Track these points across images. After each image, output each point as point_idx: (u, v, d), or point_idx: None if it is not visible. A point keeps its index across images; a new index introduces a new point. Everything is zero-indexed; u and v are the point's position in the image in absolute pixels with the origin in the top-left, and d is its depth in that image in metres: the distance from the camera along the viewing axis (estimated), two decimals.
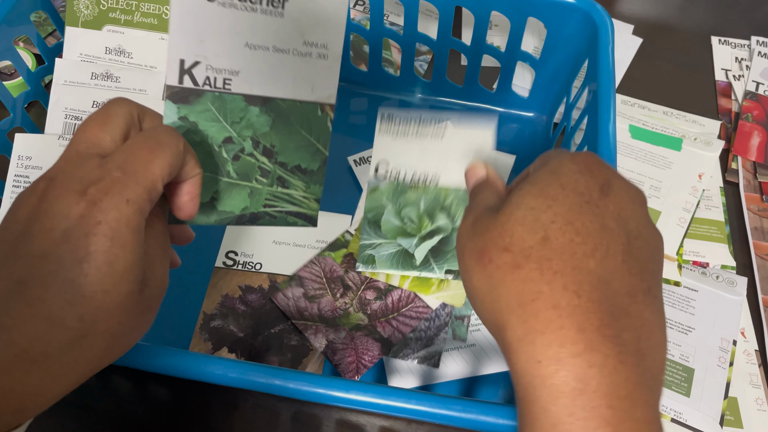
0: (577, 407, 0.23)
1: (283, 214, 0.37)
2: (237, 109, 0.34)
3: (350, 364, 0.45)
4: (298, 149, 0.36)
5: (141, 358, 0.35)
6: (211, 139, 0.34)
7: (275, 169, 0.36)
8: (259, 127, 0.35)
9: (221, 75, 0.33)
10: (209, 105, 0.33)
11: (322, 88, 0.35)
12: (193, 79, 0.32)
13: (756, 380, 0.49)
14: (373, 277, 0.49)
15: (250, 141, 0.35)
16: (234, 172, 0.35)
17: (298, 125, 0.35)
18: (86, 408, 0.44)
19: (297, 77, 0.34)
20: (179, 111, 0.33)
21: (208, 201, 0.35)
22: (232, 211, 0.36)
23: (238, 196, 0.36)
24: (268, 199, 0.36)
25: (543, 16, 0.54)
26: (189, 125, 0.33)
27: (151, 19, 0.52)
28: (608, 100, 0.45)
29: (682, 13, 0.76)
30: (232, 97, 0.33)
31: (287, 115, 0.35)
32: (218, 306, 0.48)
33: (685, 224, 0.55)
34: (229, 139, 0.34)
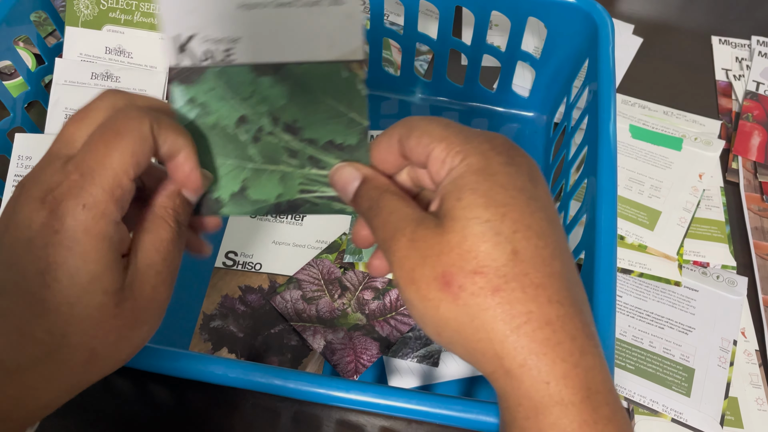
0: (587, 413, 0.24)
1: (326, 201, 0.32)
2: (245, 82, 0.30)
3: (349, 364, 0.45)
4: (327, 122, 0.30)
5: (141, 358, 0.35)
6: (225, 120, 0.30)
7: (304, 147, 0.31)
8: (274, 100, 0.30)
9: (220, 45, 0.29)
10: (214, 82, 0.29)
11: (342, 41, 0.29)
12: (192, 55, 0.29)
13: (756, 380, 0.49)
14: (366, 271, 0.49)
15: (268, 118, 0.30)
16: (258, 156, 0.31)
17: (321, 92, 0.30)
18: (86, 408, 0.44)
19: (309, 34, 0.29)
20: (186, 93, 0.30)
21: (239, 191, 0.31)
22: (266, 199, 0.32)
23: (269, 183, 0.31)
24: (303, 183, 0.31)
25: (543, 15, 0.54)
26: (198, 107, 0.30)
27: (151, 18, 0.52)
28: (608, 100, 0.45)
29: (683, 12, 0.76)
30: (238, 69, 0.29)
31: (305, 82, 0.30)
32: (218, 306, 0.48)
33: (686, 224, 0.55)
34: (243, 119, 0.30)
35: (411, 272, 0.25)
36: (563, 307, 0.24)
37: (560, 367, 0.24)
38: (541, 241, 0.25)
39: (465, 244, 0.24)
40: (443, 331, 0.25)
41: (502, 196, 0.25)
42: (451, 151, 0.26)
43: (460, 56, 0.68)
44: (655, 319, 0.51)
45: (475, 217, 0.25)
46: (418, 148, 0.28)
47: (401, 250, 0.26)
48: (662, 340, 0.49)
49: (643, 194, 0.57)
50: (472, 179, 0.26)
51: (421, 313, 0.26)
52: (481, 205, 0.25)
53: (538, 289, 0.24)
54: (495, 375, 0.25)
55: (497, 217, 0.25)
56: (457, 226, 0.25)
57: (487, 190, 0.25)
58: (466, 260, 0.24)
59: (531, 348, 0.24)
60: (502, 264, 0.24)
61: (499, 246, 0.24)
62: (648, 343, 0.49)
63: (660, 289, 0.52)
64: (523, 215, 0.25)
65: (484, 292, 0.24)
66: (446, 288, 0.24)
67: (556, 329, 0.24)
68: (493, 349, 0.24)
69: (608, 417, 0.24)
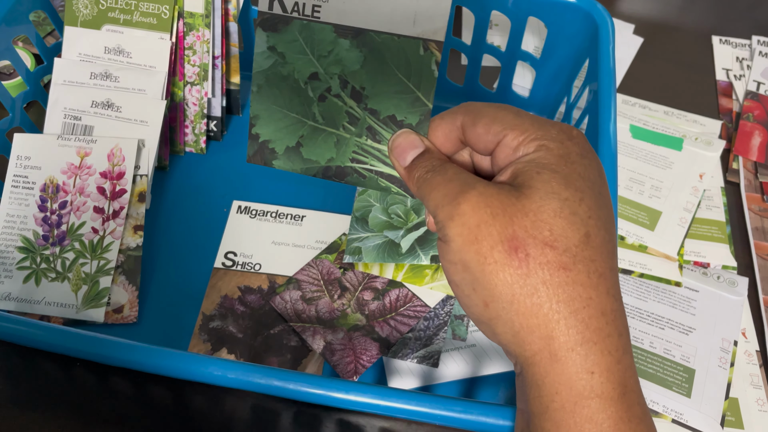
0: (623, 410, 0.24)
1: (373, 175, 0.32)
2: (326, 40, 0.30)
3: (348, 365, 0.45)
4: (392, 95, 0.31)
5: (140, 358, 0.35)
6: (298, 73, 0.31)
7: (365, 116, 0.31)
8: (348, 64, 0.30)
9: (310, 1, 0.29)
10: (297, 34, 0.30)
11: (427, 20, 0.29)
12: (282, 4, 0.30)
13: (757, 381, 0.48)
14: (365, 271, 0.49)
15: (338, 80, 0.31)
16: (320, 115, 0.32)
17: (395, 65, 0.30)
18: (86, 408, 0.44)
19: (396, 6, 0.29)
20: (268, 40, 0.30)
21: (294, 146, 0.32)
22: (317, 160, 0.32)
23: (324, 144, 0.32)
24: (356, 152, 0.32)
25: (543, 15, 0.53)
26: (277, 56, 0.31)
27: (151, 18, 0.52)
28: (609, 100, 0.45)
29: (683, 12, 0.76)
30: (321, 26, 0.30)
31: (382, 52, 0.30)
32: (217, 307, 0.48)
33: (686, 224, 0.55)
34: (315, 75, 0.31)
35: (476, 229, 0.24)
36: (617, 302, 0.25)
37: (606, 359, 0.24)
38: (608, 234, 0.25)
39: (541, 213, 0.24)
40: (493, 301, 0.24)
41: (580, 183, 0.25)
42: (526, 138, 0.26)
43: (460, 56, 0.68)
44: (655, 319, 0.51)
45: (554, 192, 0.24)
46: (487, 135, 0.27)
47: (470, 201, 0.25)
48: (662, 341, 0.49)
49: (644, 194, 0.57)
50: (552, 161, 0.25)
51: (475, 276, 0.25)
52: (562, 184, 0.25)
53: (600, 278, 0.24)
54: (536, 358, 0.24)
55: (576, 199, 0.25)
56: (535, 195, 0.24)
57: (568, 174, 0.25)
58: (539, 229, 0.24)
59: (584, 334, 0.24)
60: (573, 244, 0.24)
61: (574, 226, 0.24)
62: (648, 344, 0.49)
63: (660, 289, 0.52)
64: (596, 205, 0.25)
65: (551, 266, 0.24)
66: (513, 253, 0.24)
67: (609, 322, 0.24)
68: (546, 327, 0.24)
69: (639, 416, 0.24)
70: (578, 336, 0.24)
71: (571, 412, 0.24)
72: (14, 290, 0.47)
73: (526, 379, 0.25)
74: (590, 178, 0.26)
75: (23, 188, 0.49)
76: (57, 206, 0.49)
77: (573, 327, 0.24)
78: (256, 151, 0.33)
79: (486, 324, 0.26)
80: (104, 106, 0.52)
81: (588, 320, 0.24)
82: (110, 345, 0.35)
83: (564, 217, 0.24)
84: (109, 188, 0.49)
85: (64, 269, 0.48)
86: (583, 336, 0.24)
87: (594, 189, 0.25)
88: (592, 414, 0.24)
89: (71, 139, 0.50)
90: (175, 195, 0.55)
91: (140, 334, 0.47)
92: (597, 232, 0.24)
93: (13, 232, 0.49)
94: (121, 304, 0.48)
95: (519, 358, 0.25)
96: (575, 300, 0.24)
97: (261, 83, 0.32)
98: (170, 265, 0.51)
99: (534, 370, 0.25)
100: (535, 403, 0.25)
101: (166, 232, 0.53)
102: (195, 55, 0.54)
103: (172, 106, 0.55)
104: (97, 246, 0.48)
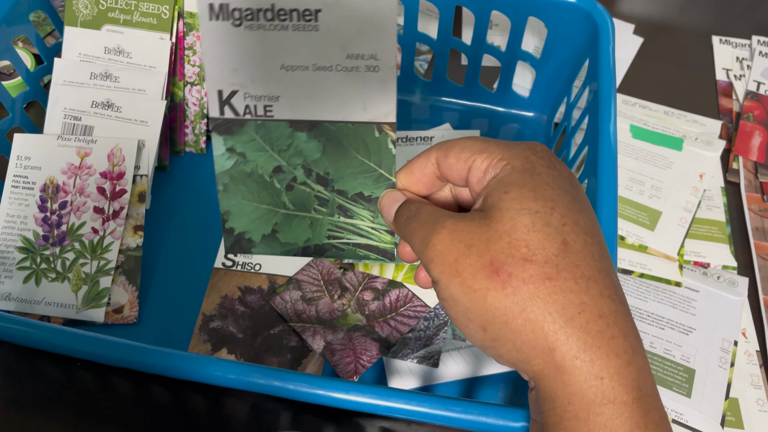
0: (638, 415, 0.23)
1: (351, 247, 0.34)
2: (283, 136, 0.32)
3: (348, 365, 0.45)
4: (356, 176, 0.32)
5: (140, 358, 0.35)
6: (261, 169, 0.32)
7: (334, 197, 0.33)
8: (309, 154, 0.32)
9: (261, 102, 0.31)
10: (253, 134, 0.32)
11: (376, 105, 0.31)
12: (233, 109, 0.31)
13: (757, 381, 0.48)
14: (366, 271, 0.49)
15: (302, 169, 0.32)
16: (290, 203, 0.33)
17: (353, 149, 0.32)
18: (86, 408, 0.44)
19: (345, 96, 0.31)
20: (226, 142, 0.32)
21: (270, 233, 0.34)
22: (295, 242, 0.34)
23: (298, 228, 0.34)
24: (331, 230, 0.34)
25: (543, 15, 0.53)
26: (237, 156, 0.32)
27: (151, 18, 0.52)
28: (609, 100, 0.45)
29: (683, 12, 0.76)
30: (276, 123, 0.31)
31: (339, 139, 0.32)
32: (217, 307, 0.48)
33: (686, 224, 0.55)
34: (279, 169, 0.32)
35: (455, 263, 0.25)
36: (614, 303, 0.24)
37: (614, 362, 0.23)
38: (589, 237, 0.25)
39: (515, 232, 0.24)
40: (490, 325, 0.25)
41: (549, 192, 0.25)
42: (493, 160, 0.27)
43: (460, 56, 0.68)
44: (655, 319, 0.50)
45: (524, 208, 0.25)
46: (458, 163, 0.28)
47: (442, 241, 0.26)
48: (663, 341, 0.49)
49: (644, 194, 0.57)
50: (518, 177, 0.26)
51: (466, 306, 0.25)
52: (530, 198, 0.25)
53: (589, 282, 0.24)
54: (543, 372, 0.24)
55: (546, 210, 0.25)
56: (506, 216, 0.25)
57: (535, 186, 0.25)
58: (516, 248, 0.24)
59: (585, 340, 0.23)
60: (552, 254, 0.24)
61: (550, 236, 0.24)
62: (648, 344, 0.49)
63: (660, 289, 0.52)
64: (570, 211, 0.25)
65: (535, 279, 0.24)
66: (495, 276, 0.24)
67: (609, 323, 0.24)
68: (545, 340, 0.24)
69: (657, 422, 0.24)
70: (579, 343, 0.23)
71: (585, 420, 0.23)
72: (14, 290, 0.47)
73: (540, 392, 0.25)
74: (560, 186, 0.26)
75: (23, 188, 0.49)
76: (57, 206, 0.49)
77: (572, 335, 0.23)
78: (233, 243, 0.34)
79: (490, 348, 0.26)
80: (104, 107, 0.52)
81: (586, 325, 0.23)
82: (110, 345, 0.35)
83: (538, 230, 0.24)
84: (109, 188, 0.49)
85: (64, 269, 0.48)
86: (584, 342, 0.23)
87: (565, 196, 0.25)
88: (605, 421, 0.23)
89: (71, 140, 0.50)
90: (176, 195, 0.55)
91: (140, 334, 0.47)
92: (575, 237, 0.24)
93: (13, 233, 0.49)
94: (121, 304, 0.48)
95: (529, 374, 0.25)
96: (568, 307, 0.23)
97: (226, 182, 0.33)
98: (170, 266, 0.51)
99: (545, 383, 0.24)
100: (550, 415, 0.25)
101: (167, 233, 0.53)
102: (195, 55, 0.54)
103: (172, 106, 0.55)
104: (97, 246, 0.48)
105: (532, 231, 0.24)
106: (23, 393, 0.45)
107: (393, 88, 0.30)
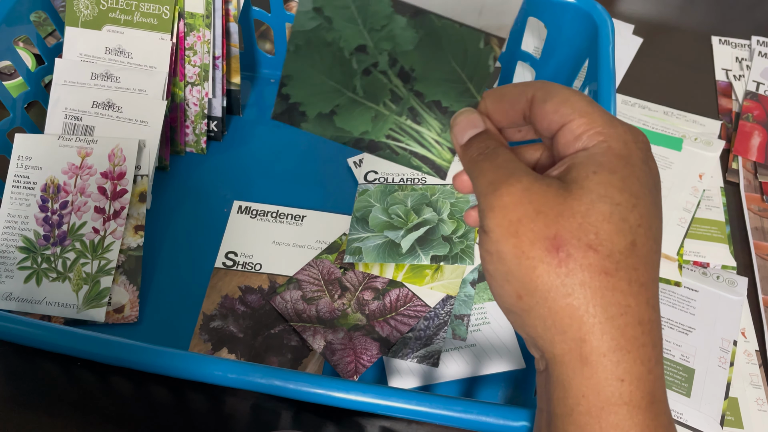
0: (650, 419, 0.24)
1: (407, 153, 0.31)
2: (381, 14, 0.28)
3: (349, 365, 0.45)
4: (442, 82, 0.29)
5: (141, 358, 0.35)
6: (343, 42, 0.29)
7: (409, 97, 0.30)
8: (401, 42, 0.29)
9: None
10: (349, 1, 0.28)
11: (493, 13, 0.27)
12: None
13: (756, 380, 0.48)
14: (366, 271, 0.49)
15: (387, 56, 0.29)
16: (361, 89, 0.30)
17: (450, 53, 0.29)
18: (86, 408, 0.44)
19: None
20: (315, 0, 0.28)
21: (328, 113, 0.31)
22: (350, 131, 0.31)
23: (360, 117, 0.31)
24: (393, 129, 0.31)
25: (543, 15, 0.53)
26: (323, 19, 0.28)
27: (151, 19, 0.52)
28: (609, 100, 0.45)
29: (683, 13, 0.76)
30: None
31: (439, 37, 0.28)
32: (218, 306, 0.48)
33: (686, 224, 0.55)
34: (362, 48, 0.29)
35: (517, 223, 0.24)
36: (655, 313, 0.24)
37: (638, 368, 0.24)
38: (655, 245, 0.25)
39: (590, 216, 0.24)
40: (528, 295, 0.24)
41: (637, 189, 0.25)
42: (591, 129, 0.26)
43: None
44: None
45: (607, 196, 0.24)
46: (555, 114, 0.27)
47: (512, 194, 0.25)
48: (662, 341, 0.49)
49: None
50: (611, 160, 0.25)
51: (510, 269, 0.24)
52: (617, 188, 0.24)
53: (641, 288, 0.24)
54: (564, 358, 0.24)
55: (628, 205, 0.24)
56: (586, 197, 0.24)
57: (626, 177, 0.24)
58: (584, 232, 0.23)
59: (619, 341, 0.23)
60: (618, 250, 0.24)
61: (622, 232, 0.24)
62: None
63: (660, 289, 0.52)
64: (648, 214, 0.25)
65: (592, 269, 0.23)
66: (554, 251, 0.23)
67: (645, 332, 0.24)
68: (579, 330, 0.23)
69: (665, 426, 0.24)
70: (612, 342, 0.23)
71: (597, 417, 0.24)
72: (15, 290, 0.47)
73: (552, 377, 0.25)
74: (647, 185, 0.25)
75: (24, 188, 0.49)
76: (58, 206, 0.49)
77: (607, 333, 0.23)
78: (284, 110, 0.31)
79: (517, 314, 0.25)
80: (105, 107, 0.52)
81: (624, 328, 0.23)
82: (111, 345, 0.36)
83: (613, 223, 0.24)
84: (110, 188, 0.49)
85: (65, 269, 0.48)
86: (617, 343, 0.23)
87: (649, 197, 0.25)
88: (618, 421, 0.23)
89: (72, 140, 0.50)
90: (176, 195, 0.55)
91: (141, 334, 0.48)
92: (645, 241, 0.24)
93: (14, 232, 0.49)
94: (122, 304, 0.48)
95: (546, 354, 0.25)
96: (613, 306, 0.23)
97: (300, 44, 0.29)
98: (171, 265, 0.51)
99: (561, 369, 0.24)
100: (560, 404, 0.25)
101: (167, 232, 0.53)
102: (195, 55, 0.54)
103: (173, 107, 0.55)
104: (97, 246, 0.48)
105: (608, 222, 0.24)
106: (24, 393, 0.45)
107: (518, 1, 0.27)
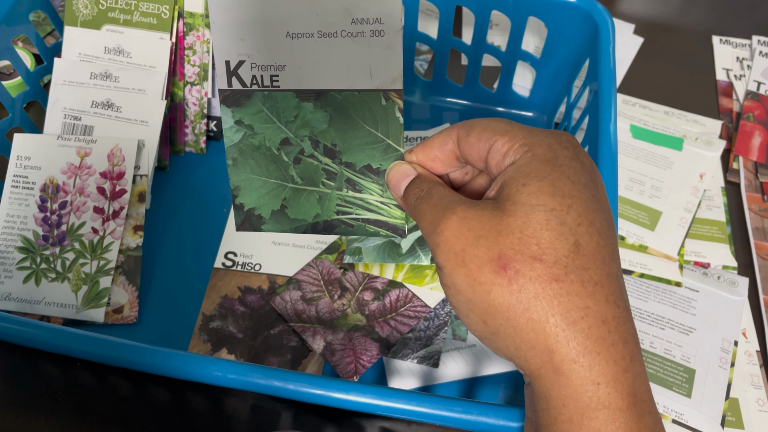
0: (632, 420, 0.23)
1: (360, 223, 0.33)
2: (289, 106, 0.31)
3: (348, 365, 0.45)
4: (364, 147, 0.32)
5: (140, 359, 0.35)
6: (268, 141, 0.32)
7: (342, 170, 0.32)
8: (316, 125, 0.31)
9: (267, 72, 0.30)
10: (261, 105, 0.31)
11: (382, 71, 0.30)
12: (241, 80, 0.31)
13: (757, 381, 0.48)
14: (366, 271, 0.49)
15: (309, 141, 0.32)
16: (298, 177, 0.33)
17: (361, 119, 0.31)
18: (86, 408, 0.44)
19: (350, 63, 0.30)
20: (234, 115, 0.32)
21: (279, 209, 0.33)
22: (304, 218, 0.33)
23: (307, 203, 0.33)
24: (340, 204, 0.33)
25: (544, 15, 0.53)
26: (245, 129, 0.32)
27: (150, 18, 0.52)
28: (609, 100, 0.45)
29: (683, 12, 0.76)
30: (283, 94, 0.31)
31: (346, 108, 0.31)
32: (217, 307, 0.48)
33: (687, 224, 0.55)
34: (286, 141, 0.32)
35: (462, 253, 0.24)
36: (618, 309, 0.24)
37: (612, 369, 0.23)
38: (602, 239, 0.25)
39: (527, 229, 0.24)
40: (491, 319, 0.24)
41: (569, 188, 0.25)
42: (514, 144, 0.26)
43: (460, 56, 0.68)
44: (655, 319, 0.50)
45: (540, 204, 0.24)
46: (479, 143, 0.27)
47: (451, 228, 0.25)
48: (663, 341, 0.49)
49: (644, 194, 0.57)
50: (539, 167, 0.25)
51: (468, 298, 0.25)
52: (548, 193, 0.24)
53: (596, 286, 0.24)
54: (540, 371, 0.24)
55: (563, 208, 0.24)
56: (520, 211, 0.24)
57: (555, 180, 0.25)
58: (526, 245, 0.24)
59: (586, 345, 0.23)
60: (563, 255, 0.24)
61: (563, 236, 0.24)
62: (649, 344, 0.49)
63: (661, 289, 0.52)
64: (587, 210, 0.25)
65: (542, 279, 0.23)
66: (501, 271, 0.24)
67: (611, 330, 0.24)
68: (546, 341, 0.23)
69: (651, 427, 0.24)
70: (579, 347, 0.23)
71: (579, 424, 0.23)
72: (14, 290, 0.47)
73: (534, 390, 0.25)
74: (581, 182, 0.25)
75: (23, 188, 0.49)
76: (57, 206, 0.49)
77: (573, 339, 0.23)
78: (243, 219, 0.34)
79: (489, 339, 0.26)
80: (104, 106, 0.52)
81: (588, 330, 0.23)
82: (110, 345, 0.35)
83: (551, 229, 0.24)
84: (109, 188, 0.49)
85: (64, 269, 0.48)
86: (584, 347, 0.23)
87: (584, 193, 0.25)
88: (600, 426, 0.23)
89: (71, 139, 0.50)
90: (175, 195, 0.55)
91: (140, 334, 0.47)
92: (588, 239, 0.24)
93: (13, 233, 0.48)
94: (121, 304, 0.48)
95: (525, 371, 0.25)
96: (572, 311, 0.23)
97: (235, 156, 0.33)
98: (170, 266, 0.51)
99: (540, 382, 0.24)
100: (544, 415, 0.25)
101: (166, 233, 0.53)
102: (195, 55, 0.54)
103: (172, 106, 0.55)
104: (97, 246, 0.48)
105: (546, 229, 0.24)
106: (23, 393, 0.45)
107: (399, 52, 0.30)
